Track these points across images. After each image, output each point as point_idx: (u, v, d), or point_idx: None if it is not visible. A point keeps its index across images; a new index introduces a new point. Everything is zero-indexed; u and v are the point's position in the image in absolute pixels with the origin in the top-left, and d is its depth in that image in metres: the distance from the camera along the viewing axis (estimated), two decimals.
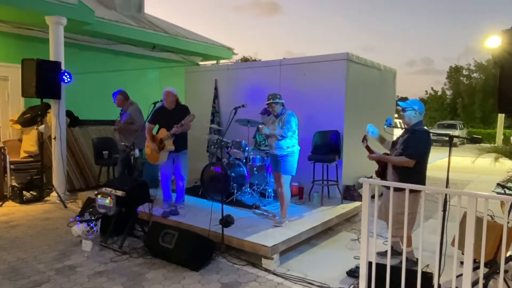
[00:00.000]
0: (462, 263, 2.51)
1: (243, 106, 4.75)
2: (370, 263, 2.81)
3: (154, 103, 4.86)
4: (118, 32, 7.95)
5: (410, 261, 3.49)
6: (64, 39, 6.33)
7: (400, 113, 3.85)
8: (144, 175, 5.83)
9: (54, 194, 6.24)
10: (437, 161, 11.86)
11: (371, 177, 5.18)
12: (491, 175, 7.65)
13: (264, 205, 5.26)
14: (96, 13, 6.95)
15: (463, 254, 2.43)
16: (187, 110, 5.00)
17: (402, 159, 3.49)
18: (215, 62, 10.59)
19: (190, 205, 5.29)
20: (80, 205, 5.59)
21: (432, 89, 37.41)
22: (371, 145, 3.81)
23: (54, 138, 6.30)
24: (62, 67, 6.20)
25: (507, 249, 3.19)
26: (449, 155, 3.02)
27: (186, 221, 4.53)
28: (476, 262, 2.79)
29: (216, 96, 7.42)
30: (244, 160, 5.63)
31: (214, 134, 6.09)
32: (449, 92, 36.15)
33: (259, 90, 6.37)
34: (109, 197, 4.10)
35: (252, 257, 3.88)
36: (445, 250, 2.91)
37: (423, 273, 2.72)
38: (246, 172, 5.61)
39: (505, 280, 3.06)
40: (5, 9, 6.04)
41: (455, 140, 18.51)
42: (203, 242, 3.83)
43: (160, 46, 9.07)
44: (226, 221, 4.10)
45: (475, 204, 2.35)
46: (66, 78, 6.22)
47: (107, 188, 4.21)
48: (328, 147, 5.70)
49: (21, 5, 5.91)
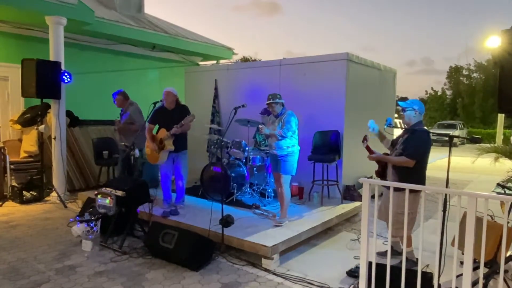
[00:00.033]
0: (462, 263, 2.51)
1: (243, 106, 4.75)
2: (370, 263, 2.81)
3: (154, 103, 4.86)
4: (118, 32, 7.95)
5: (410, 261, 3.49)
6: (64, 39, 6.34)
7: (400, 113, 3.85)
8: (144, 175, 5.83)
9: (54, 194, 6.24)
10: (437, 161, 11.86)
11: (371, 177, 5.18)
12: (491, 175, 7.65)
13: (264, 205, 5.26)
14: (96, 13, 6.96)
15: (463, 254, 2.43)
16: (187, 110, 5.01)
17: (402, 159, 3.49)
18: (215, 62, 10.59)
19: (190, 205, 5.29)
20: (80, 205, 5.59)
21: (432, 89, 37.45)
22: (371, 143, 3.82)
23: (54, 138, 6.31)
24: (62, 67, 6.20)
25: (507, 249, 3.19)
26: (449, 155, 3.02)
27: (186, 221, 4.53)
28: (476, 262, 2.79)
29: (216, 96, 7.42)
30: (244, 160, 5.63)
31: (214, 134, 6.10)
32: (449, 92, 36.16)
33: (259, 90, 6.37)
34: (109, 197, 4.10)
35: (252, 257, 3.88)
36: (445, 250, 2.91)
37: (423, 273, 2.72)
38: (246, 172, 5.61)
39: (505, 280, 3.06)
40: (5, 9, 6.04)
41: (455, 140, 18.51)
42: (203, 242, 3.84)
43: (160, 46, 9.07)
44: (226, 221, 4.10)
45: (475, 204, 2.35)
46: (66, 78, 6.22)
47: (107, 188, 4.21)
48: (328, 147, 5.70)
49: (21, 5, 5.91)
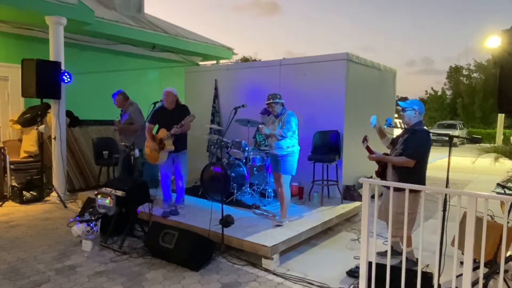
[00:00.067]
0: (462, 263, 2.51)
1: (243, 106, 4.75)
2: (370, 263, 2.81)
3: (154, 103, 4.86)
4: (118, 32, 7.95)
5: (410, 261, 3.49)
6: (64, 39, 6.33)
7: (400, 113, 3.85)
8: (144, 175, 5.84)
9: (54, 194, 6.24)
10: (437, 161, 11.86)
11: (371, 177, 5.18)
12: (491, 175, 7.65)
13: (264, 205, 5.26)
14: (96, 13, 6.95)
15: (463, 254, 2.43)
16: (187, 110, 5.01)
17: (402, 159, 3.49)
18: (215, 62, 10.59)
19: (190, 205, 5.29)
20: (80, 205, 5.59)
21: (432, 89, 37.44)
22: (371, 144, 3.82)
23: (54, 138, 6.30)
24: (62, 67, 6.20)
25: (507, 249, 3.19)
26: (449, 155, 3.02)
27: (186, 221, 4.53)
28: (476, 262, 2.79)
29: (216, 96, 7.42)
30: (244, 160, 5.63)
31: (214, 134, 6.09)
32: (449, 92, 36.17)
33: (259, 90, 6.37)
34: (109, 197, 4.10)
35: (252, 257, 3.88)
36: (445, 250, 2.91)
37: (423, 273, 2.72)
38: (246, 172, 5.61)
39: (505, 280, 3.06)
40: (5, 9, 6.04)
41: (455, 140, 18.51)
42: (203, 242, 3.83)
43: (160, 46, 9.07)
44: (226, 221, 4.10)
45: (475, 204, 2.35)
46: (66, 78, 6.22)
47: (107, 188, 4.21)
48: (328, 147, 5.70)
49: (21, 5, 5.91)
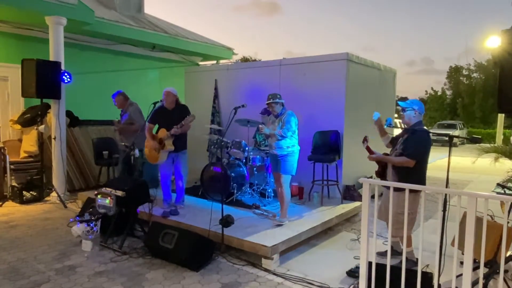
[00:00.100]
0: (462, 263, 2.51)
1: (243, 106, 4.75)
2: (370, 263, 2.81)
3: (154, 103, 4.86)
4: (118, 32, 7.95)
5: (410, 261, 3.49)
6: (64, 39, 6.33)
7: (400, 113, 3.86)
8: (144, 175, 5.83)
9: (54, 194, 6.24)
10: (437, 161, 11.86)
11: (371, 177, 5.18)
12: (491, 175, 7.65)
13: (264, 205, 5.26)
14: (96, 13, 6.95)
15: (463, 254, 2.43)
16: (187, 110, 5.01)
17: (403, 159, 3.50)
18: (215, 62, 10.59)
19: (190, 205, 5.29)
20: (80, 205, 5.59)
21: (432, 89, 37.44)
22: (371, 144, 3.82)
23: (54, 138, 6.30)
24: (62, 67, 6.20)
25: (507, 249, 3.19)
26: (449, 155, 3.02)
27: (186, 221, 4.53)
28: (476, 262, 2.79)
29: (216, 96, 7.42)
30: (244, 160, 5.63)
31: (214, 134, 6.10)
32: (449, 92, 36.17)
33: (259, 90, 6.37)
34: (109, 197, 4.10)
35: (252, 257, 3.88)
36: (445, 250, 2.91)
37: (423, 273, 2.72)
38: (246, 172, 5.61)
39: (505, 280, 3.06)
40: (5, 9, 6.04)
41: (455, 140, 18.50)
42: (203, 242, 3.83)
43: (160, 46, 9.07)
44: (226, 221, 4.10)
45: (475, 204, 2.35)
46: (66, 78, 6.22)
47: (107, 188, 4.21)
48: (328, 147, 5.70)
49: (21, 5, 5.91)
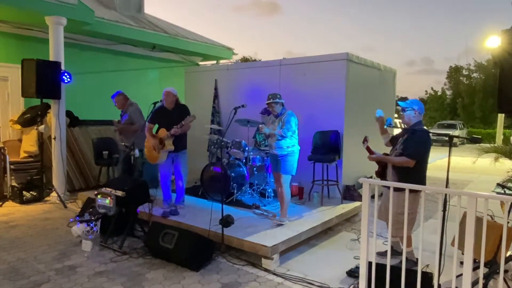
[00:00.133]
0: (462, 263, 2.51)
1: (243, 106, 4.75)
2: (370, 263, 2.81)
3: (154, 103, 4.86)
4: (118, 32, 7.95)
5: (410, 261, 3.49)
6: (64, 39, 6.33)
7: (400, 113, 3.86)
8: (144, 175, 5.83)
9: (54, 194, 6.24)
10: (437, 161, 11.86)
11: (371, 177, 5.18)
12: (491, 175, 7.65)
13: (264, 205, 5.26)
14: (96, 13, 6.95)
15: (463, 254, 2.43)
16: (187, 109, 5.01)
17: (403, 159, 3.50)
18: (215, 62, 10.59)
19: (190, 205, 5.29)
20: (80, 205, 5.59)
21: (432, 89, 37.44)
22: (371, 144, 3.82)
23: (54, 138, 6.30)
24: (62, 67, 6.20)
25: (507, 249, 3.19)
26: (449, 155, 3.02)
27: (186, 221, 4.53)
28: (476, 262, 2.79)
29: (216, 96, 7.42)
30: (244, 160, 5.63)
31: (214, 134, 6.10)
32: (449, 92, 36.16)
33: (259, 90, 6.37)
34: (109, 197, 4.10)
35: (252, 257, 3.88)
36: (445, 250, 2.91)
37: (423, 273, 2.72)
38: (246, 172, 5.61)
39: (505, 280, 3.06)
40: (5, 9, 6.04)
41: (455, 140, 18.51)
42: (203, 242, 3.83)
43: (160, 46, 9.07)
44: (226, 221, 4.10)
45: (475, 204, 2.35)
46: (66, 78, 6.22)
47: (107, 188, 4.21)
48: (328, 147, 5.70)
49: (21, 5, 5.91)
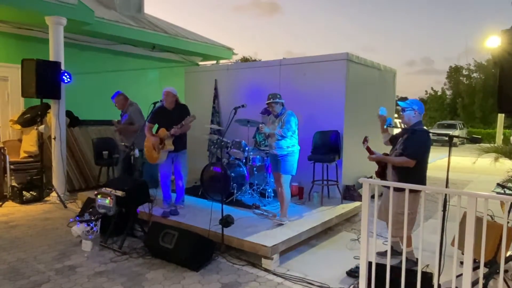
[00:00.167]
0: (462, 263, 2.51)
1: (243, 106, 4.74)
2: (370, 263, 2.81)
3: (154, 103, 4.86)
4: (118, 32, 7.95)
5: (410, 261, 3.49)
6: (64, 39, 6.34)
7: (399, 113, 3.86)
8: (144, 175, 5.83)
9: (54, 194, 6.24)
10: (437, 161, 11.86)
11: (371, 177, 5.18)
12: (491, 175, 7.64)
13: (264, 205, 5.26)
14: (96, 13, 6.95)
15: (463, 254, 2.43)
16: (186, 109, 5.01)
17: (403, 159, 3.49)
18: (215, 62, 10.59)
19: (190, 205, 5.29)
20: (80, 205, 5.59)
21: (432, 89, 37.44)
22: (371, 144, 3.82)
23: (54, 138, 6.30)
24: (62, 67, 6.20)
25: (507, 249, 3.19)
26: (449, 155, 3.02)
27: (186, 221, 4.53)
28: (476, 262, 2.79)
29: (216, 96, 7.42)
30: (244, 160, 5.63)
31: (214, 134, 6.10)
32: (449, 92, 36.17)
33: (259, 90, 6.37)
34: (109, 197, 4.10)
35: (252, 257, 3.88)
36: (445, 250, 2.91)
37: (423, 273, 2.72)
38: (246, 172, 5.61)
39: (505, 280, 3.06)
40: (5, 9, 6.04)
41: (455, 140, 18.51)
42: (203, 242, 3.83)
43: (160, 46, 9.07)
44: (226, 221, 4.10)
45: (475, 204, 2.35)
46: (66, 78, 6.22)
47: (107, 188, 4.21)
48: (328, 147, 5.70)
49: (21, 5, 5.91)
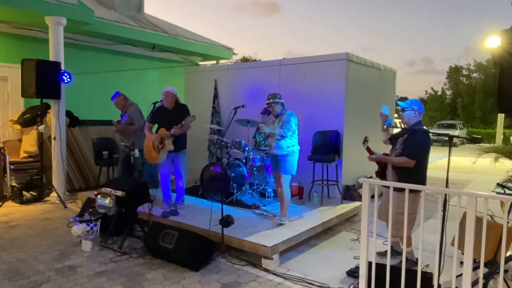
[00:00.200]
0: (462, 263, 2.51)
1: (243, 106, 4.74)
2: (370, 263, 2.81)
3: (154, 103, 4.86)
4: (118, 32, 7.95)
5: (410, 261, 3.49)
6: (64, 39, 6.34)
7: (399, 113, 3.86)
8: (144, 175, 5.83)
9: (54, 194, 6.24)
10: (437, 161, 11.86)
11: (371, 177, 5.18)
12: (491, 175, 7.64)
13: (264, 205, 5.26)
14: (96, 13, 6.95)
15: (463, 254, 2.43)
16: (186, 109, 5.00)
17: (403, 159, 3.49)
18: (215, 62, 10.59)
19: (190, 205, 5.29)
20: (80, 205, 5.59)
21: (432, 89, 37.48)
22: (371, 144, 3.82)
23: (54, 138, 6.30)
24: (62, 67, 6.20)
25: (507, 249, 3.19)
26: (449, 155, 3.02)
27: (186, 221, 4.53)
28: (476, 262, 2.79)
29: (216, 96, 7.42)
30: (244, 160, 5.63)
31: (214, 134, 6.10)
32: (449, 92, 36.20)
33: (259, 90, 6.37)
34: (109, 197, 4.10)
35: (252, 257, 3.88)
36: (445, 250, 2.91)
37: (423, 273, 2.72)
38: (246, 172, 5.61)
39: (505, 280, 3.06)
40: (5, 9, 6.04)
41: (455, 140, 18.51)
42: (203, 242, 3.83)
43: (160, 46, 9.07)
44: (226, 221, 4.10)
45: (475, 204, 2.35)
46: (66, 78, 6.22)
47: (107, 188, 4.21)
48: (328, 147, 5.70)
49: (21, 5, 5.91)
